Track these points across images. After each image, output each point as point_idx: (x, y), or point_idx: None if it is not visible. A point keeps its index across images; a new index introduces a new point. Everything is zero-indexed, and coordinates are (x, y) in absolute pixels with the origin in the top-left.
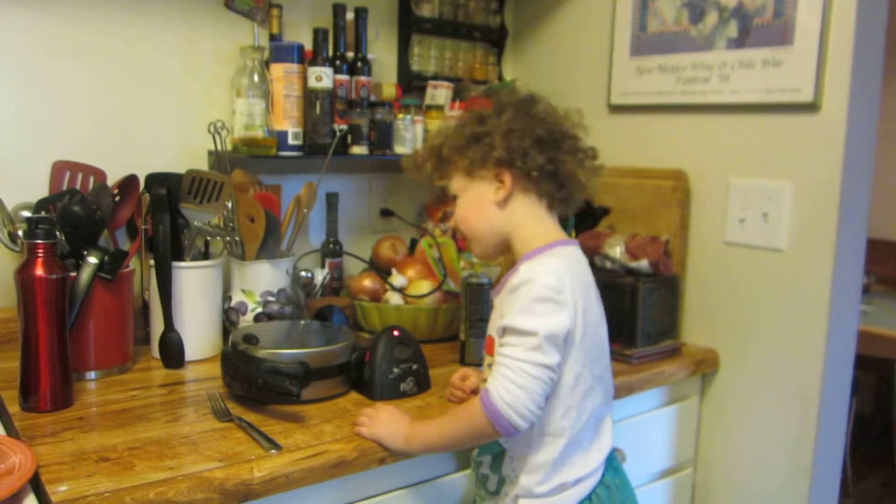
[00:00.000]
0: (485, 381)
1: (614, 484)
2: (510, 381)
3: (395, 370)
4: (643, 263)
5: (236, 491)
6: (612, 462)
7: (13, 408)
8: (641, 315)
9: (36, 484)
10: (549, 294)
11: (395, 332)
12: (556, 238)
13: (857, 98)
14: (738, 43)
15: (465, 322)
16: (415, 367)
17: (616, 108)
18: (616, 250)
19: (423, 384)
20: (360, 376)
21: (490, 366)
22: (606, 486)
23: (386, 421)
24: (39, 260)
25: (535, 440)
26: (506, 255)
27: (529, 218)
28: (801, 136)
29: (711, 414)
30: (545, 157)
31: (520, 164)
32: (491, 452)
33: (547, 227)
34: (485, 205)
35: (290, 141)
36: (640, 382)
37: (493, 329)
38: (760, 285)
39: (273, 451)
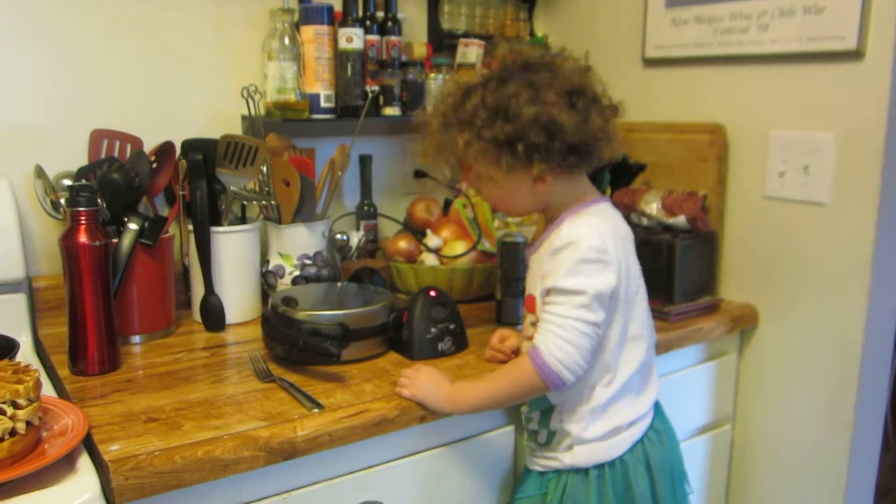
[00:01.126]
0: (529, 338)
1: (662, 428)
2: (560, 337)
3: (433, 330)
4: (680, 219)
5: (281, 449)
6: (659, 408)
7: (63, 371)
8: (679, 272)
9: (88, 444)
10: (594, 255)
11: (432, 293)
12: (592, 196)
13: None
14: None
15: (500, 281)
16: (452, 326)
17: (651, 62)
18: (652, 207)
19: (460, 344)
20: (398, 336)
21: (533, 324)
22: (657, 430)
23: (427, 382)
24: (82, 227)
25: (585, 393)
26: (541, 213)
27: (569, 182)
28: (844, 86)
29: (750, 370)
30: (579, 143)
31: (559, 161)
32: (540, 409)
33: (583, 186)
34: (523, 190)
35: (323, 103)
36: (679, 339)
37: (533, 288)
38: (801, 240)
39: (315, 410)
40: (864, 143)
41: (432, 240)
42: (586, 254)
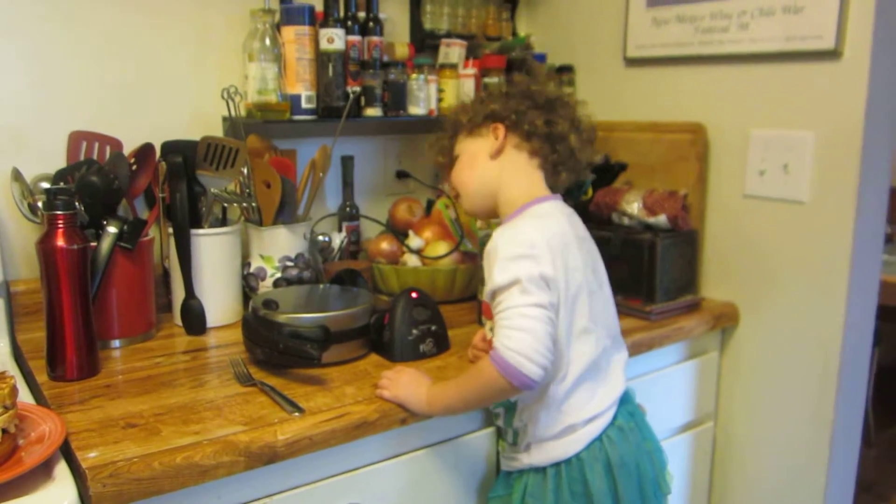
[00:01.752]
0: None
1: (628, 427)
2: (509, 328)
3: (415, 331)
4: (661, 219)
5: (261, 454)
6: (628, 406)
7: (41, 377)
8: (660, 271)
9: (66, 451)
10: (521, 251)
11: (414, 294)
12: (537, 195)
13: (881, 44)
14: None
15: (482, 282)
16: (433, 328)
17: (632, 62)
18: (634, 206)
19: (442, 345)
20: (379, 338)
21: (492, 329)
22: (620, 428)
23: (407, 383)
24: (60, 231)
25: (539, 391)
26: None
27: (517, 172)
28: (823, 85)
29: (732, 368)
30: (540, 117)
31: (514, 118)
32: (504, 405)
33: (531, 182)
34: (479, 157)
35: (304, 104)
36: (660, 338)
37: (485, 294)
38: (780, 238)
39: (296, 413)
40: (843, 141)
41: (414, 241)
42: (513, 251)
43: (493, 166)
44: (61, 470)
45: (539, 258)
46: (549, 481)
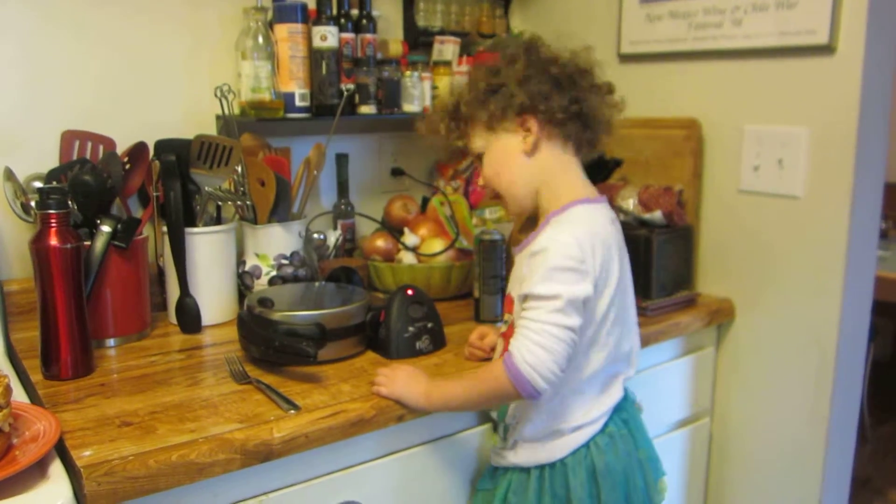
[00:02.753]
0: (503, 337)
1: (619, 434)
2: (533, 342)
3: (411, 329)
4: (657, 214)
5: (257, 451)
6: (622, 414)
7: (36, 376)
8: (656, 266)
9: (61, 449)
10: (571, 264)
11: (409, 291)
12: (582, 195)
13: (874, 39)
14: None
15: (478, 279)
16: (430, 325)
17: (626, 58)
18: (629, 202)
19: (438, 342)
20: (375, 336)
21: (505, 322)
22: (610, 435)
23: (404, 380)
24: (53, 230)
25: None
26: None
27: (559, 166)
28: (817, 80)
29: (728, 364)
30: (567, 97)
31: (543, 107)
32: None
33: (573, 179)
34: (514, 157)
35: (298, 102)
36: (656, 334)
37: (513, 289)
38: (776, 233)
39: (292, 411)
40: (838, 136)
41: (410, 238)
42: (562, 262)
43: (531, 164)
44: (56, 469)
45: (586, 275)
46: (532, 482)
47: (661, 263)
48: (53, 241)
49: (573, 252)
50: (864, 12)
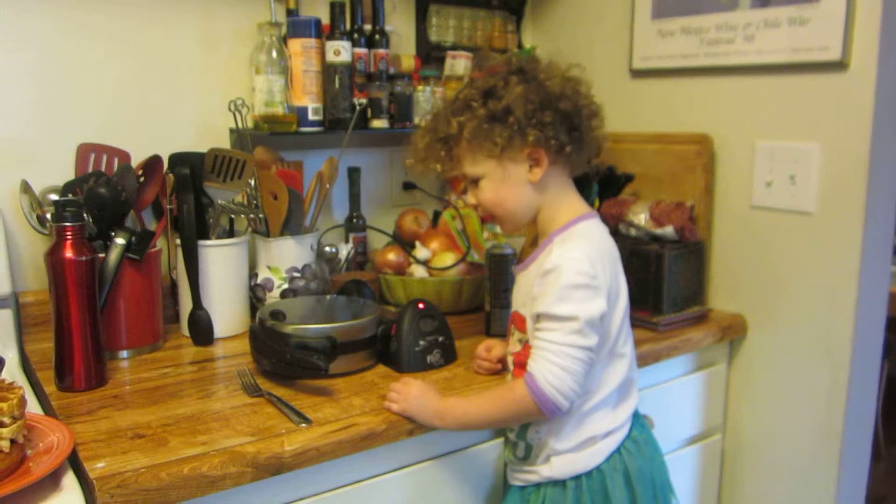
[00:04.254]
0: (515, 354)
1: (642, 439)
2: (555, 364)
3: (422, 342)
4: (668, 230)
5: (268, 464)
6: (639, 419)
7: (49, 388)
8: (667, 282)
9: (74, 461)
10: (584, 281)
11: (421, 305)
12: (581, 212)
13: (887, 55)
14: (763, 1)
15: (489, 293)
16: (441, 339)
17: (638, 73)
18: (640, 217)
19: (449, 356)
20: (386, 349)
21: (520, 341)
22: (634, 440)
23: (416, 397)
24: (68, 242)
25: None
26: (531, 226)
27: (560, 189)
28: (829, 96)
29: (740, 380)
30: (573, 130)
31: (554, 143)
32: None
33: (572, 197)
34: (519, 186)
35: (311, 116)
36: (668, 349)
37: (520, 305)
38: (788, 249)
39: (303, 424)
40: (850, 152)
41: (421, 252)
42: (576, 279)
43: (534, 189)
44: (69, 480)
45: (599, 290)
46: (570, 494)
47: (673, 279)
48: (69, 254)
49: (585, 268)
50: (878, 28)
